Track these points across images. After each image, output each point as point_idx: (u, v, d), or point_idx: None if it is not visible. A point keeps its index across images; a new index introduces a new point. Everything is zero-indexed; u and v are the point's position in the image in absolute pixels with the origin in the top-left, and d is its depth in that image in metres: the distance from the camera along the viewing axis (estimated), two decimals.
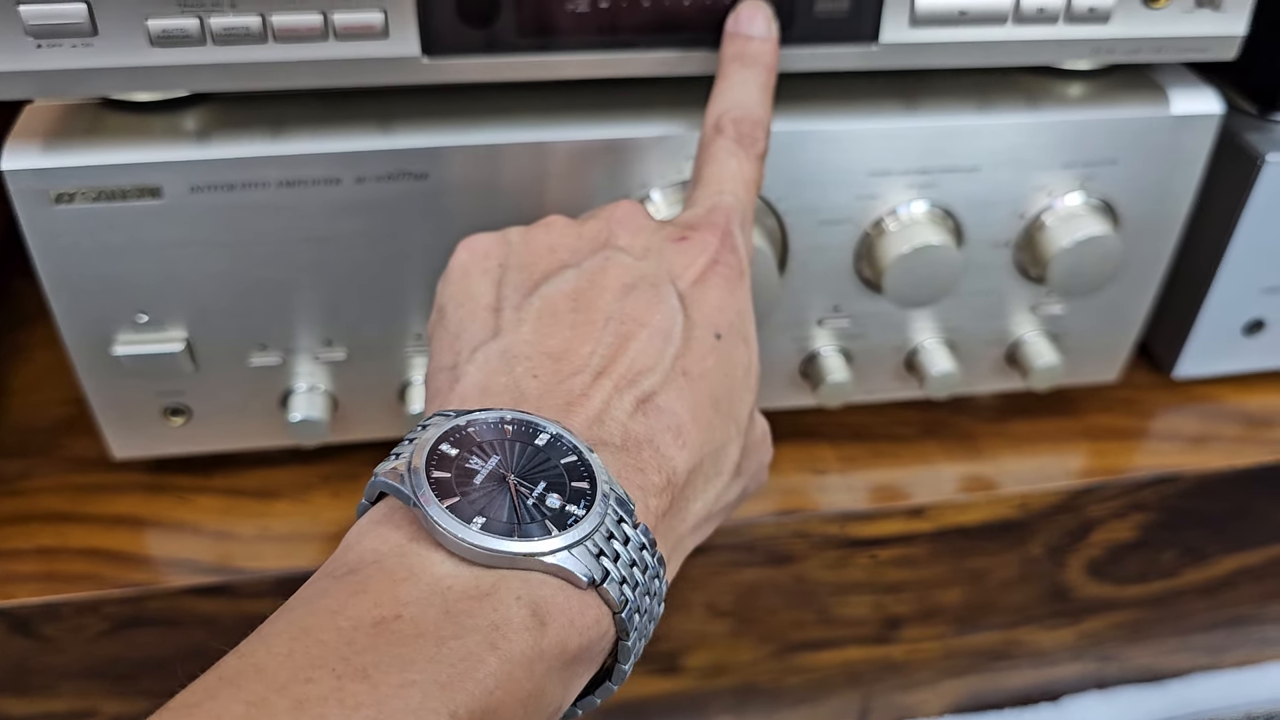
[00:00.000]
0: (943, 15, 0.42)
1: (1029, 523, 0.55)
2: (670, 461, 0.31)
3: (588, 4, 0.40)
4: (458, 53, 0.40)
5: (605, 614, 0.28)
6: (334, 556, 0.28)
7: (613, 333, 0.33)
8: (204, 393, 0.48)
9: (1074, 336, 0.53)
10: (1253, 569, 0.62)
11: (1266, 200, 0.52)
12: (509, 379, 0.32)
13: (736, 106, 0.39)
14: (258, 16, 0.39)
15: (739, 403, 0.34)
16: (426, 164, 0.43)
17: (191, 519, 0.51)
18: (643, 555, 0.29)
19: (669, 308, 0.34)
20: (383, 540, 0.27)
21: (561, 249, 0.36)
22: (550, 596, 0.27)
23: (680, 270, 0.35)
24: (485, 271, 0.35)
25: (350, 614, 0.25)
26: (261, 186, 0.42)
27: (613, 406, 0.31)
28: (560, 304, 0.33)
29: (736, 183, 0.38)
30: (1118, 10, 0.43)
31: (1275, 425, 0.58)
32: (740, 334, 0.35)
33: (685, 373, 0.33)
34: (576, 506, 0.28)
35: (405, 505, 0.28)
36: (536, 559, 0.27)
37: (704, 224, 0.36)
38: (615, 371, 0.32)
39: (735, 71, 0.40)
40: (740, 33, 0.40)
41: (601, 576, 0.28)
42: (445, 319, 0.35)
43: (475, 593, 0.26)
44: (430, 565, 0.27)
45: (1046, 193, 0.48)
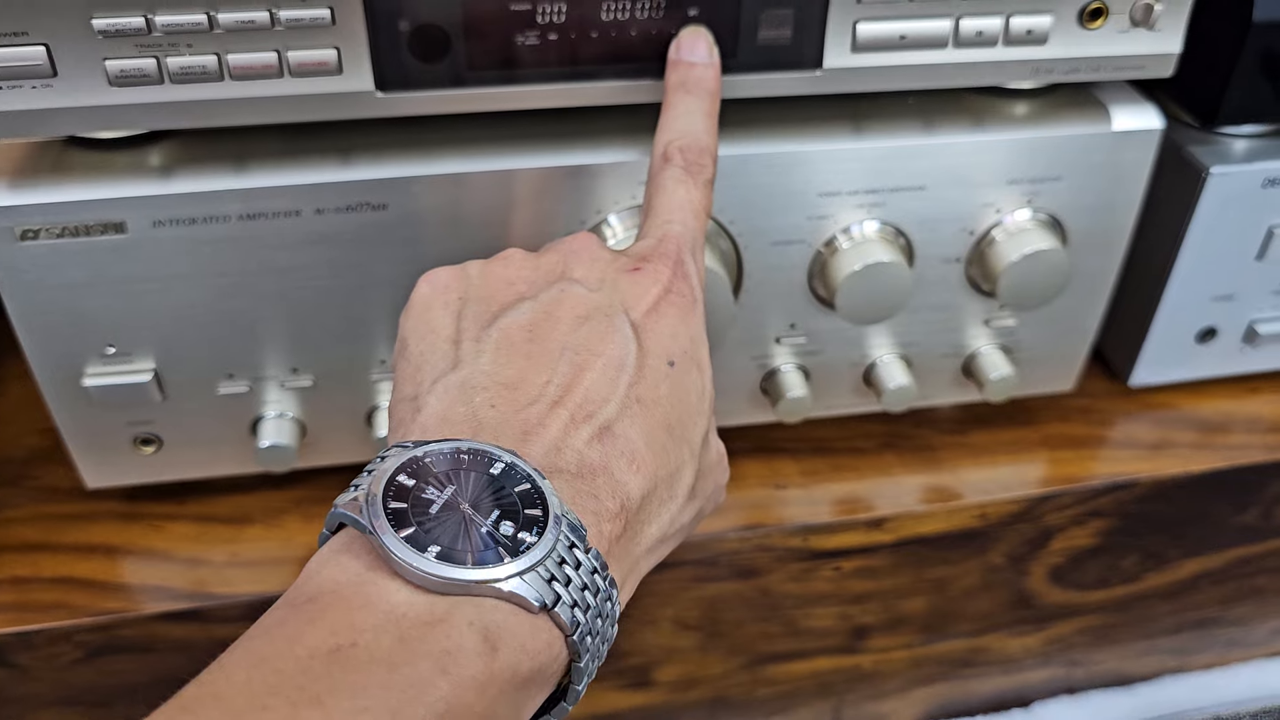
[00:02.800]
0: (884, 40, 0.43)
1: (989, 532, 0.56)
2: (624, 487, 0.32)
3: (537, 37, 0.41)
4: (411, 87, 0.42)
5: (557, 637, 0.29)
6: (294, 585, 0.29)
7: (568, 363, 0.34)
8: (173, 422, 0.49)
9: (1028, 348, 0.54)
10: (1214, 572, 0.63)
11: (1211, 211, 0.53)
12: (468, 409, 0.33)
13: (682, 135, 0.40)
14: (214, 56, 0.40)
15: (692, 427, 0.35)
16: (385, 195, 0.44)
17: (164, 546, 0.52)
18: (594, 579, 0.30)
19: (622, 337, 0.35)
20: (341, 569, 0.28)
21: (519, 281, 0.37)
22: (502, 621, 0.28)
23: (634, 301, 0.36)
24: (445, 304, 0.36)
25: (307, 642, 0.26)
26: (223, 220, 0.43)
27: (569, 435, 0.32)
28: (517, 335, 0.34)
29: (685, 211, 0.39)
30: (1055, 32, 0.45)
31: (1230, 431, 0.59)
32: (693, 360, 0.36)
33: (639, 400, 0.34)
34: (529, 534, 0.29)
35: (362, 535, 0.29)
36: (489, 585, 0.28)
37: (656, 254, 0.37)
38: (571, 400, 0.33)
39: (680, 100, 0.41)
40: (683, 60, 0.41)
41: (553, 601, 0.28)
42: (407, 351, 0.36)
43: (429, 619, 0.27)
44: (387, 594, 0.27)
45: (995, 209, 0.49)
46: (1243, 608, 0.66)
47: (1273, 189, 0.53)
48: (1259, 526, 0.61)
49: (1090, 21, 0.45)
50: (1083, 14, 0.44)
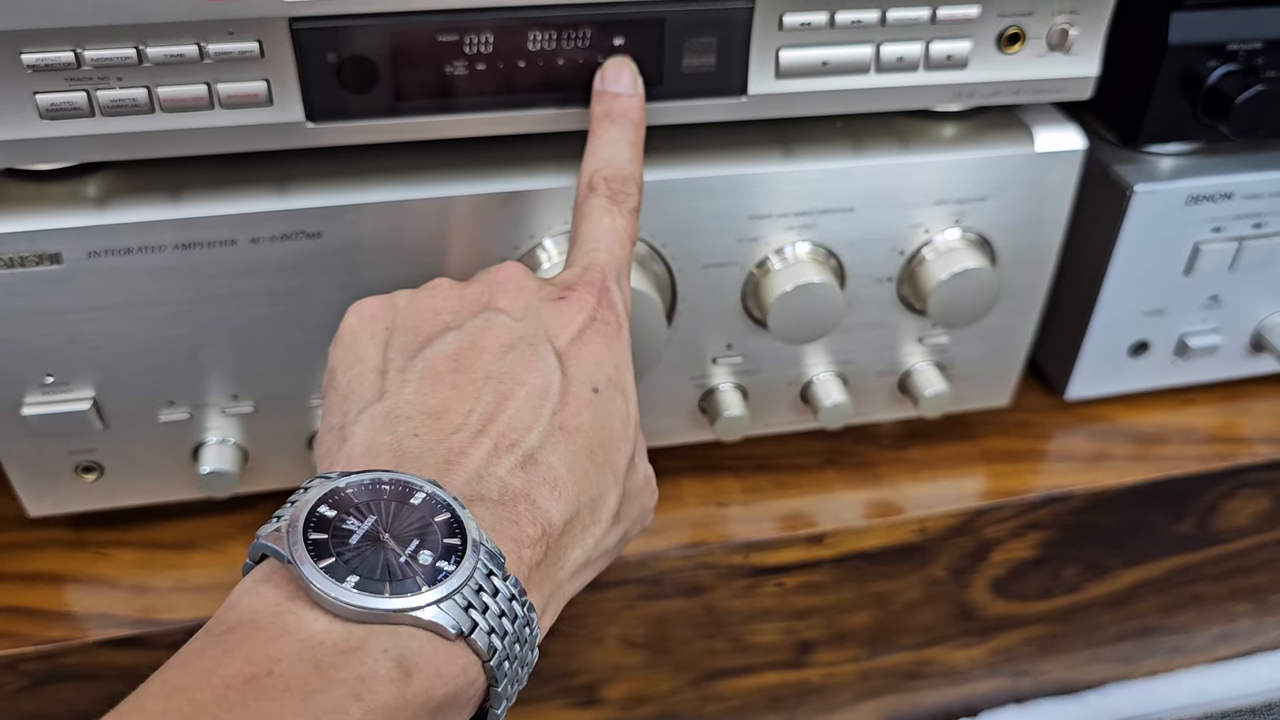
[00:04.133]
0: (806, 67, 0.44)
1: (929, 546, 0.57)
2: (546, 514, 0.33)
3: (465, 67, 0.42)
4: (342, 118, 0.42)
5: (474, 663, 0.29)
6: (215, 616, 0.29)
7: (492, 391, 0.34)
8: (115, 449, 0.49)
9: (962, 365, 0.55)
10: (1154, 581, 0.64)
11: (1138, 229, 0.54)
12: (392, 439, 0.33)
13: (607, 165, 0.40)
14: (144, 89, 0.40)
15: (616, 452, 0.36)
16: (320, 223, 0.44)
17: (109, 573, 0.52)
18: (512, 606, 0.30)
19: (546, 366, 0.35)
20: (261, 599, 0.29)
21: (445, 311, 0.37)
22: (417, 649, 0.28)
23: (558, 330, 0.36)
24: (373, 335, 0.37)
25: (223, 672, 0.27)
26: (159, 250, 0.44)
27: (491, 463, 0.33)
28: (442, 365, 0.35)
29: (611, 239, 0.39)
30: (975, 56, 0.46)
31: (1165, 442, 0.60)
32: (617, 386, 0.36)
33: (562, 427, 0.34)
34: (447, 562, 0.29)
35: (283, 565, 0.29)
36: (406, 614, 0.28)
37: (581, 283, 0.38)
38: (494, 429, 0.33)
39: (605, 130, 0.41)
40: (607, 90, 0.42)
41: (469, 628, 0.29)
42: (335, 381, 0.36)
43: (345, 647, 0.28)
44: (304, 623, 0.28)
45: (924, 229, 0.50)
46: (1184, 615, 0.68)
47: (1196, 206, 0.54)
48: (1195, 535, 0.62)
49: (1008, 46, 0.46)
50: (1001, 39, 0.46)
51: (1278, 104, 0.51)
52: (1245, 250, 0.56)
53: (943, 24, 0.44)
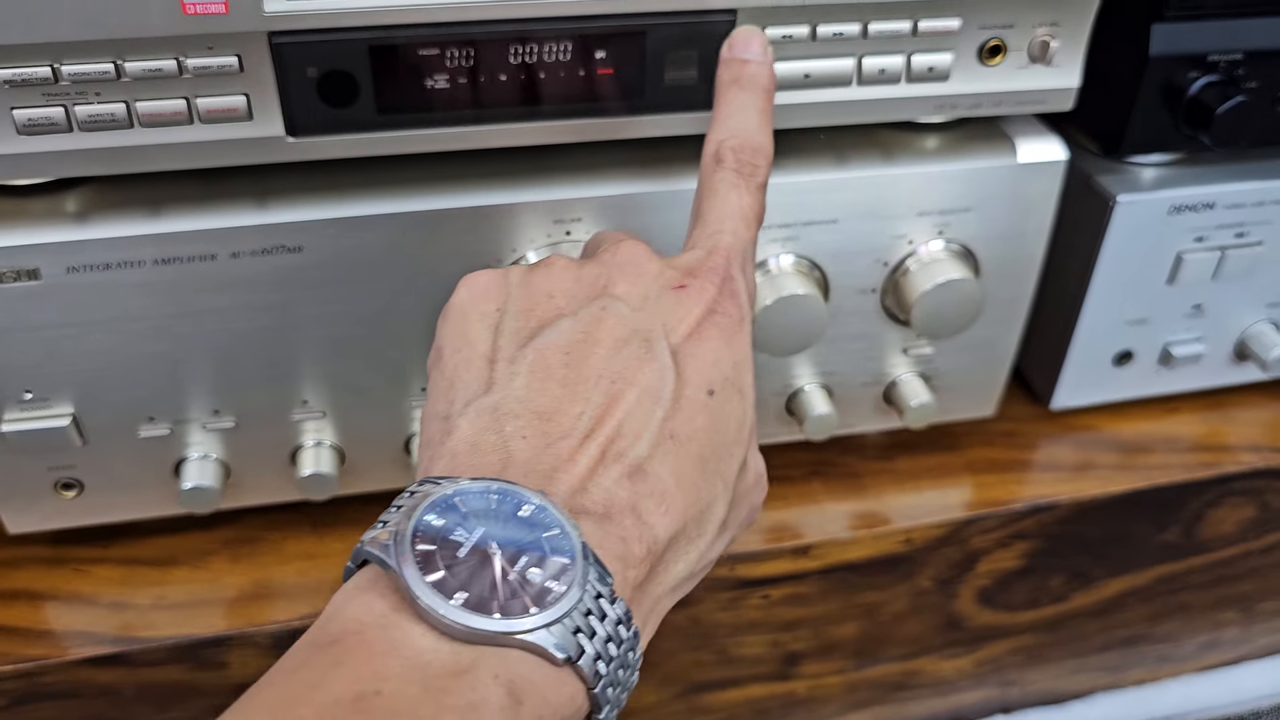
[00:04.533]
0: (788, 80, 0.44)
1: (915, 556, 0.57)
2: (652, 530, 0.31)
3: (446, 81, 0.42)
4: (322, 132, 0.42)
5: (580, 690, 0.28)
6: (317, 623, 0.29)
7: (602, 392, 0.33)
8: (95, 466, 0.49)
9: (947, 375, 0.55)
10: (1140, 590, 0.64)
11: (1121, 239, 0.54)
12: (498, 438, 0.32)
13: (735, 134, 0.38)
14: (122, 104, 0.40)
15: (727, 459, 0.34)
16: (300, 238, 0.44)
17: (89, 590, 0.51)
18: (618, 630, 0.29)
19: (660, 365, 0.33)
20: (365, 609, 0.28)
21: (559, 294, 0.35)
22: (527, 675, 0.27)
23: (675, 322, 0.34)
24: (483, 315, 0.35)
25: (330, 689, 0.26)
26: (138, 265, 0.43)
27: (597, 474, 0.31)
28: (553, 358, 0.33)
29: (736, 219, 0.37)
30: (956, 68, 0.46)
31: (1150, 451, 0.61)
32: (735, 387, 0.34)
33: (673, 435, 0.32)
34: (557, 582, 0.28)
35: (388, 573, 0.28)
36: (515, 637, 0.27)
37: (703, 269, 0.36)
38: (602, 434, 0.32)
39: (734, 96, 0.39)
40: (736, 57, 0.40)
41: (577, 654, 0.28)
42: (442, 361, 0.35)
43: (454, 669, 0.27)
44: (411, 639, 0.27)
45: (907, 241, 0.50)
46: (1170, 624, 0.68)
47: (1179, 216, 0.54)
48: (1181, 544, 0.62)
49: (990, 58, 0.46)
50: (982, 51, 0.46)
51: (1258, 114, 0.51)
52: (1228, 259, 0.56)
53: (924, 36, 0.44)
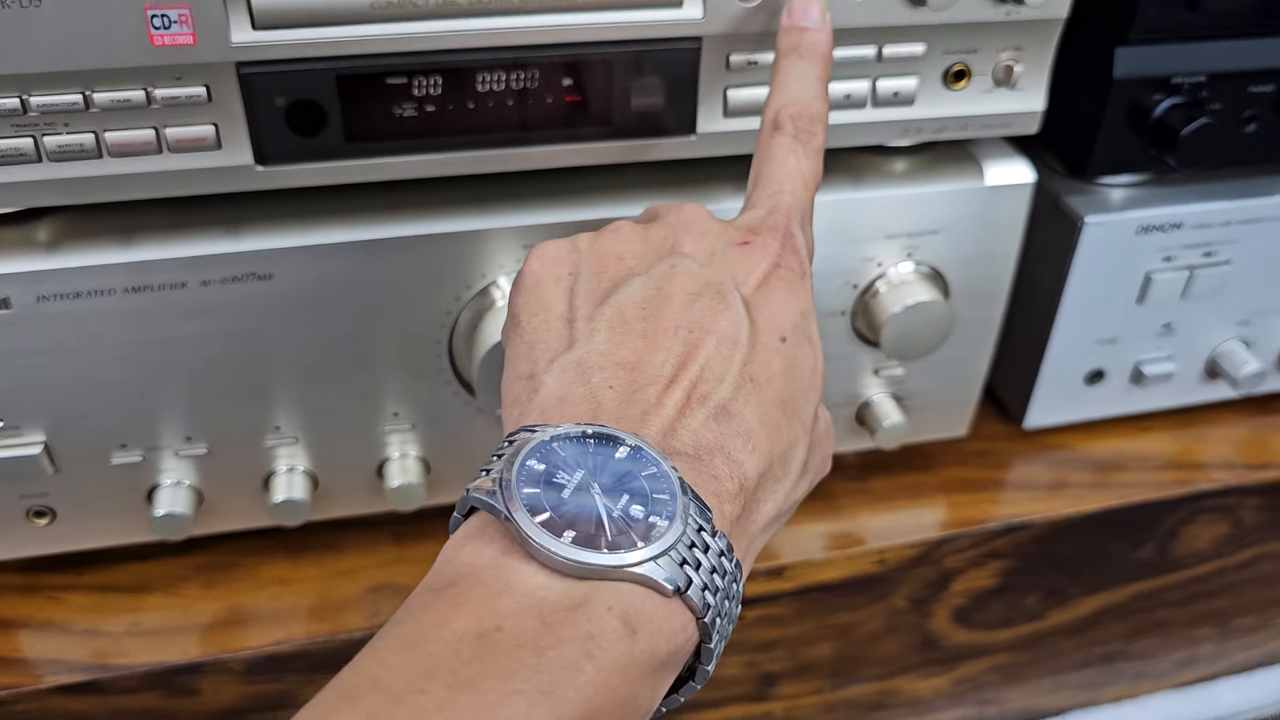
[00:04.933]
0: (754, 105, 0.45)
1: (889, 576, 0.57)
2: (742, 467, 0.32)
3: (414, 109, 0.42)
4: (291, 160, 0.42)
5: (690, 619, 0.29)
6: (432, 570, 0.30)
7: (682, 341, 0.34)
8: (67, 493, 0.49)
9: (919, 396, 0.55)
10: (1116, 607, 0.65)
11: (1089, 259, 0.55)
12: (586, 389, 0.33)
13: (794, 101, 0.39)
14: (91, 134, 0.40)
15: (804, 403, 0.35)
16: (271, 265, 0.44)
17: (62, 618, 0.51)
18: (721, 561, 0.30)
19: (735, 314, 0.34)
20: (477, 554, 0.29)
21: (629, 255, 0.37)
22: (639, 605, 0.28)
23: (744, 276, 0.36)
24: (556, 280, 0.36)
25: (454, 627, 0.27)
26: (108, 294, 0.44)
27: (685, 415, 0.32)
28: (631, 313, 0.34)
29: (795, 181, 0.38)
30: (921, 93, 0.46)
31: (1123, 469, 0.61)
32: (804, 334, 0.36)
33: (753, 379, 0.34)
34: (659, 517, 0.29)
35: (497, 519, 0.29)
36: (625, 570, 0.28)
37: (765, 227, 0.37)
38: (686, 379, 0.33)
39: (792, 65, 0.40)
40: (795, 24, 0.41)
41: (685, 584, 0.29)
42: (520, 327, 0.36)
43: (569, 604, 0.28)
44: (524, 577, 0.28)
45: (876, 263, 0.50)
46: (1147, 641, 0.68)
47: (1147, 236, 0.55)
48: (1156, 562, 0.63)
49: (955, 83, 0.46)
50: (947, 75, 0.46)
51: (1222, 136, 0.52)
52: (1196, 279, 0.57)
53: (889, 62, 0.45)
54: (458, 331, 0.48)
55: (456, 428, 0.51)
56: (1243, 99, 0.52)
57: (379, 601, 0.52)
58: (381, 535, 0.55)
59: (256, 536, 0.54)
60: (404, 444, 0.51)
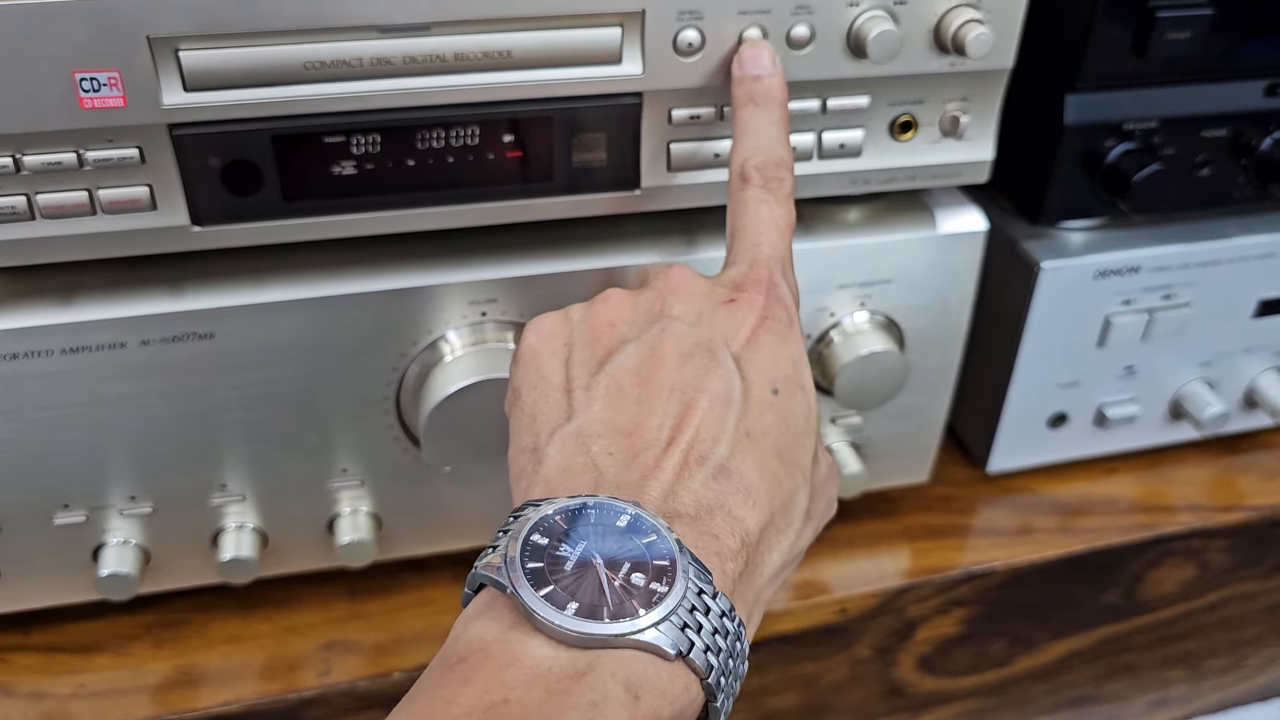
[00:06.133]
0: (698, 159, 0.44)
1: (850, 626, 0.56)
2: (743, 524, 0.33)
3: (354, 167, 0.42)
4: (227, 220, 0.42)
5: (693, 681, 0.30)
6: (445, 646, 0.31)
7: (676, 402, 0.34)
8: (10, 554, 0.48)
9: (878, 444, 0.55)
10: (1084, 651, 0.64)
11: (1048, 304, 0.54)
12: (586, 459, 0.34)
13: (757, 152, 0.40)
14: (22, 196, 0.40)
15: (801, 450, 0.36)
16: (211, 324, 0.44)
17: (6, 680, 0.50)
18: (723, 622, 0.31)
19: (726, 371, 0.35)
20: (486, 629, 0.30)
21: (620, 322, 0.38)
22: (642, 671, 0.29)
23: (733, 332, 0.37)
24: (553, 352, 0.37)
25: (463, 702, 0.28)
26: (46, 354, 0.43)
27: (684, 477, 0.33)
28: (625, 379, 0.35)
29: (771, 231, 0.39)
30: (868, 144, 0.46)
31: (1089, 513, 0.60)
32: (796, 383, 0.37)
33: (748, 433, 0.34)
34: (659, 583, 0.30)
35: (503, 594, 0.30)
36: (627, 638, 0.29)
37: (748, 282, 0.38)
38: (683, 441, 0.34)
39: (750, 115, 0.41)
40: (748, 74, 0.42)
41: (687, 648, 0.29)
42: (520, 401, 0.37)
43: (573, 673, 0.29)
44: (531, 650, 0.29)
45: (829, 313, 0.50)
46: (1118, 684, 0.67)
47: (1105, 280, 0.54)
48: (1122, 605, 0.62)
49: (901, 134, 0.46)
50: (893, 126, 0.46)
51: (1175, 181, 0.51)
52: (1156, 321, 0.56)
53: (833, 114, 0.45)
54: (405, 387, 0.47)
55: (406, 483, 0.50)
56: (1195, 144, 0.52)
57: (331, 659, 0.52)
58: (335, 590, 0.55)
59: (208, 593, 0.53)
60: (354, 499, 0.50)
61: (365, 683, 0.51)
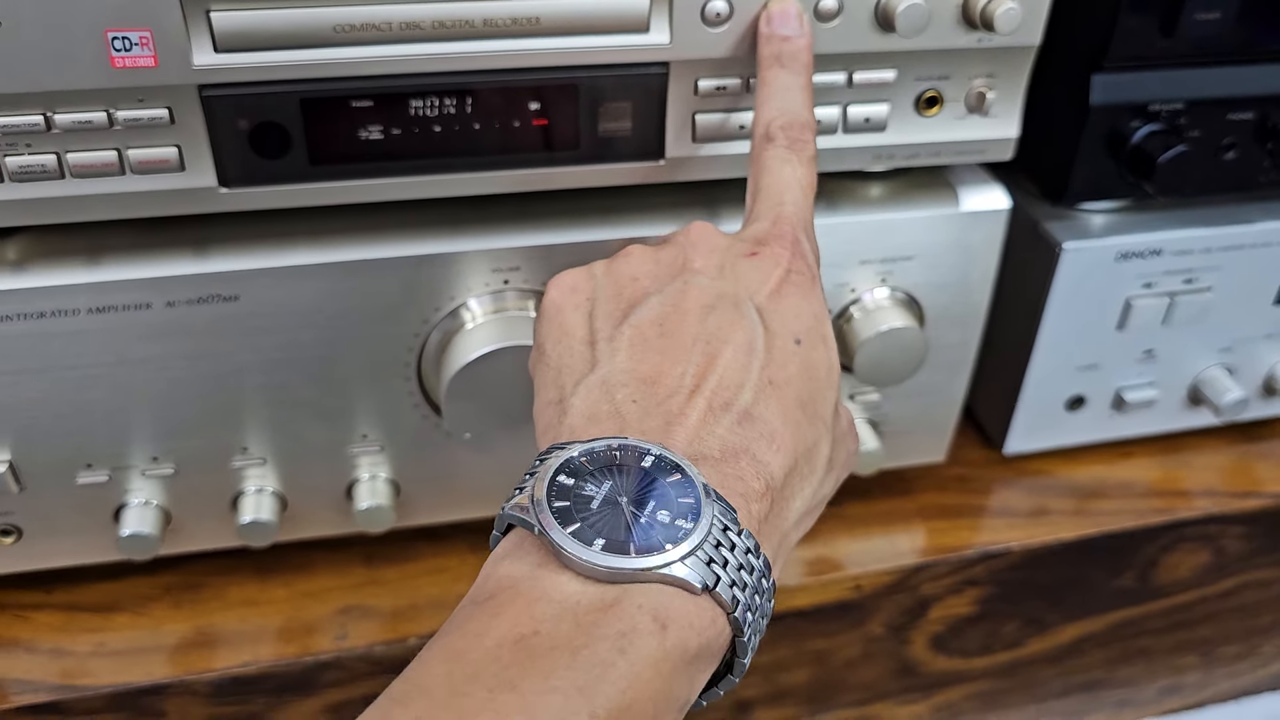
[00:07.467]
0: (723, 131, 0.44)
1: (865, 603, 0.56)
2: (767, 467, 0.33)
3: (379, 132, 0.42)
4: (254, 183, 0.42)
5: (720, 615, 0.30)
6: (475, 585, 0.31)
7: (700, 352, 0.35)
8: (33, 512, 0.48)
9: (896, 421, 0.55)
10: (1097, 635, 0.64)
11: (1068, 285, 0.54)
12: (611, 406, 0.34)
13: (782, 113, 0.40)
14: (53, 155, 0.40)
15: (823, 401, 0.36)
16: (236, 286, 0.44)
17: (28, 637, 0.51)
18: (748, 558, 0.31)
19: (749, 322, 0.36)
20: (515, 567, 0.31)
21: (643, 276, 0.38)
22: (669, 603, 0.29)
23: (756, 285, 0.37)
24: (576, 307, 0.38)
25: (494, 634, 0.29)
26: (72, 314, 0.43)
27: (708, 422, 0.33)
28: (649, 330, 0.36)
29: (795, 190, 0.39)
30: (893, 119, 0.46)
31: (1104, 496, 0.60)
32: (818, 335, 0.37)
33: (771, 381, 0.35)
34: (685, 520, 0.31)
35: (531, 534, 0.31)
36: (654, 572, 0.30)
37: (771, 237, 0.38)
38: (706, 388, 0.34)
39: (776, 75, 0.41)
40: (775, 33, 0.42)
41: (713, 582, 0.30)
42: (545, 356, 0.37)
43: (601, 605, 0.29)
44: (560, 585, 0.30)
45: (850, 289, 0.50)
46: (1130, 669, 0.67)
47: (1126, 263, 0.54)
48: (1136, 589, 0.62)
49: (927, 109, 0.46)
50: (919, 102, 0.46)
51: (1200, 163, 0.51)
52: (1177, 305, 0.56)
53: (859, 88, 0.45)
54: (426, 354, 0.48)
55: (426, 450, 0.50)
56: (1222, 126, 0.52)
57: (348, 623, 0.52)
58: (352, 556, 0.55)
59: (226, 556, 0.54)
60: (373, 466, 0.51)
61: (381, 647, 0.51)
